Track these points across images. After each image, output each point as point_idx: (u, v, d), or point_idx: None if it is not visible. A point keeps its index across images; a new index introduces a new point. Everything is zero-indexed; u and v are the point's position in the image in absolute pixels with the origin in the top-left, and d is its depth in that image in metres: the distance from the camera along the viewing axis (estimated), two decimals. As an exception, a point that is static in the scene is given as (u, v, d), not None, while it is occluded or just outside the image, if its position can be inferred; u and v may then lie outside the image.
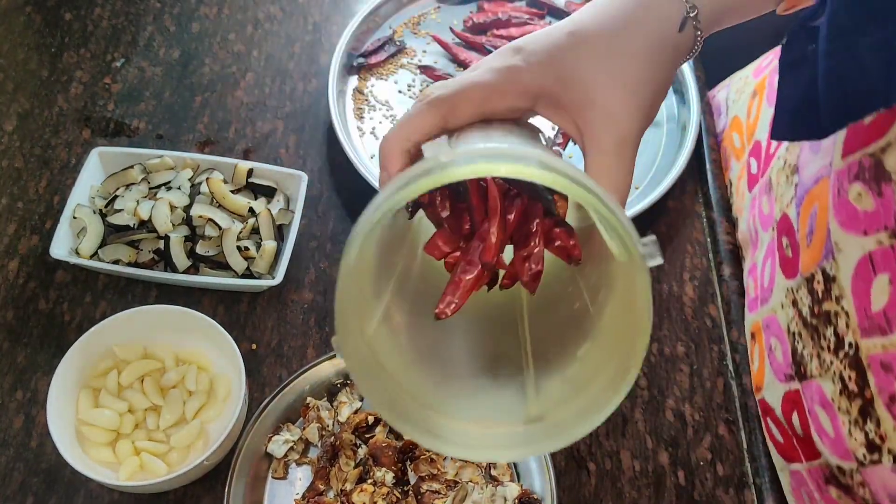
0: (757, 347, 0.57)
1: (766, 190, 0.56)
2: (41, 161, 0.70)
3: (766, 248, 0.56)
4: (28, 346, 0.61)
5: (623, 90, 0.40)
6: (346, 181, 0.70)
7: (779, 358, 0.52)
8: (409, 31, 0.80)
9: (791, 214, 0.51)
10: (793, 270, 0.50)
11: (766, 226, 0.57)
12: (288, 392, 0.56)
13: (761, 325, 0.56)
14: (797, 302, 0.49)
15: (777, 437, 0.55)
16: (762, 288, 0.56)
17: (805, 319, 0.48)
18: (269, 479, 0.54)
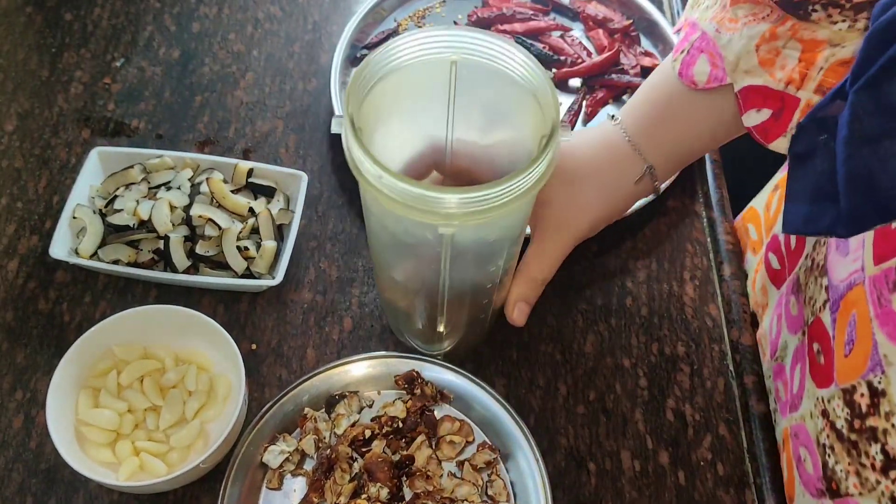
0: (785, 456, 0.55)
1: (795, 290, 0.55)
2: (41, 161, 0.70)
3: (793, 351, 0.55)
4: (27, 346, 0.61)
5: (575, 205, 0.55)
6: (346, 181, 0.70)
7: (809, 470, 0.50)
8: (414, 24, 0.80)
9: (826, 321, 0.48)
10: (825, 380, 0.48)
11: (793, 328, 0.55)
12: (286, 401, 0.56)
13: (790, 433, 0.54)
14: (828, 413, 0.47)
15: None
16: (791, 394, 0.54)
17: (840, 432, 0.45)
18: (264, 490, 0.54)
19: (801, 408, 0.52)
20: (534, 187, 0.41)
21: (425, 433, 0.56)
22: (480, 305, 0.55)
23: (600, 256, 0.67)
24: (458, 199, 0.40)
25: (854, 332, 0.45)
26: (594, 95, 0.75)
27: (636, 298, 0.65)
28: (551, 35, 0.78)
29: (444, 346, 0.59)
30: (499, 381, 0.60)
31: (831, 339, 0.48)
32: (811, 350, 0.51)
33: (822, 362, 0.49)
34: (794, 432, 0.53)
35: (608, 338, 0.63)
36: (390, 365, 0.58)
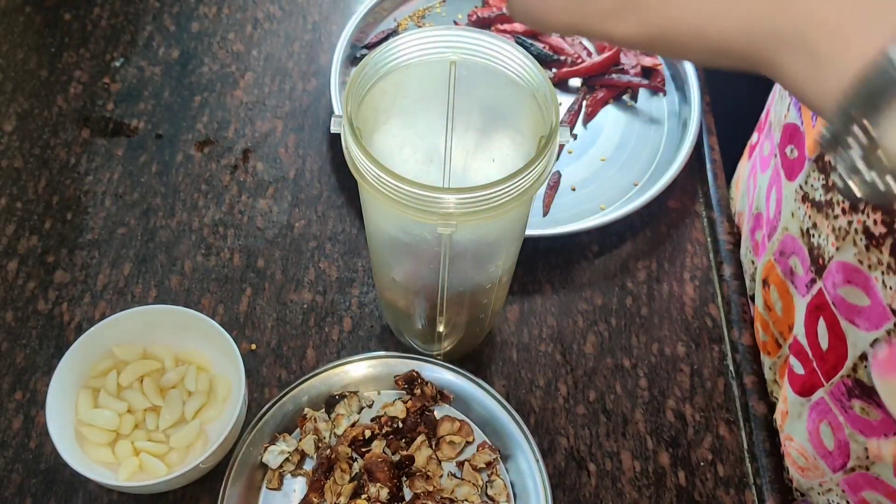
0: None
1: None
2: (40, 161, 0.70)
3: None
4: (27, 346, 0.61)
5: None
6: (345, 181, 0.70)
7: (799, 272, 0.52)
8: (414, 24, 0.80)
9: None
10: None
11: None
12: (286, 402, 0.56)
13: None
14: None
15: (797, 371, 0.53)
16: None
17: (819, 204, 0.48)
18: (264, 490, 0.54)
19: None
20: (533, 187, 0.41)
21: (425, 433, 0.56)
22: (480, 305, 0.54)
23: (600, 256, 0.67)
24: (457, 198, 0.40)
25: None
26: (594, 95, 0.75)
27: (636, 298, 0.65)
28: (551, 35, 0.78)
29: (444, 347, 0.59)
30: (499, 381, 0.60)
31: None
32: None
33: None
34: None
35: (608, 338, 0.63)
36: (390, 365, 0.58)
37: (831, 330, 0.47)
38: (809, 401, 0.51)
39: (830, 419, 0.49)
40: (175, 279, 0.64)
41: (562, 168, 0.71)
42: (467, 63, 0.45)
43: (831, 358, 0.47)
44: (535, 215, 0.68)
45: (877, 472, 0.46)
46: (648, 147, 0.72)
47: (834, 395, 0.48)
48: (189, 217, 0.67)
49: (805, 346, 0.51)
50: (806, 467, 0.54)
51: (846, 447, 0.48)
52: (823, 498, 0.53)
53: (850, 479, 0.49)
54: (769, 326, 0.59)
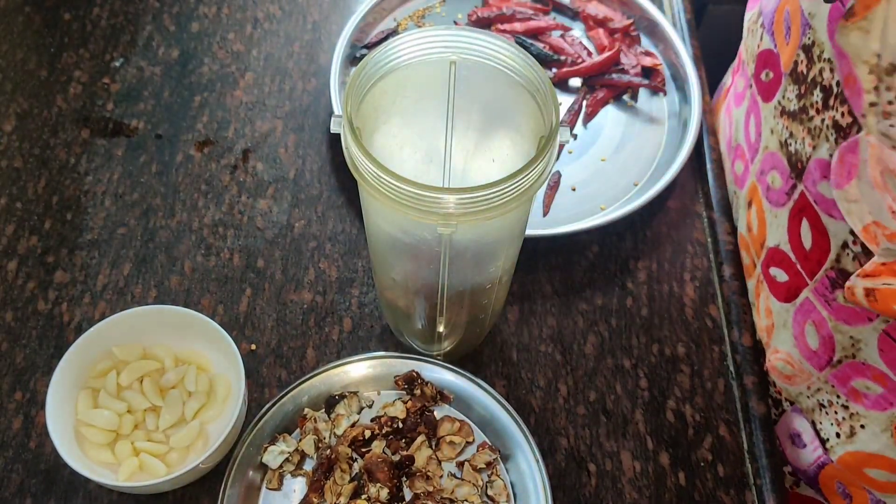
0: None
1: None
2: (40, 161, 0.70)
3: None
4: (27, 346, 0.60)
5: None
6: (345, 181, 0.70)
7: (777, 185, 0.56)
8: (414, 24, 0.80)
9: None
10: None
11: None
12: (286, 402, 0.56)
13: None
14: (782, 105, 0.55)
15: (779, 279, 0.57)
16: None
17: (793, 113, 0.53)
18: (264, 490, 0.54)
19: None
20: (533, 187, 0.41)
21: (425, 433, 0.56)
22: (480, 305, 0.54)
23: (600, 256, 0.67)
24: (457, 199, 0.40)
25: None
26: (594, 95, 0.75)
27: (636, 299, 0.65)
28: (551, 35, 0.78)
29: (444, 347, 0.59)
30: (499, 381, 0.60)
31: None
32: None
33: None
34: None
35: (608, 338, 0.63)
36: (390, 365, 0.58)
37: (814, 227, 0.51)
38: (794, 305, 0.55)
39: (814, 317, 0.53)
40: (175, 279, 0.64)
41: (562, 168, 0.71)
42: (467, 63, 0.45)
43: (815, 255, 0.52)
44: (535, 215, 0.68)
45: (863, 357, 0.50)
46: (648, 147, 0.72)
47: (818, 291, 0.52)
48: (189, 217, 0.67)
49: (788, 251, 0.55)
50: (792, 374, 0.57)
51: (831, 341, 0.52)
52: (813, 399, 0.56)
53: (837, 373, 0.53)
54: (749, 248, 0.62)
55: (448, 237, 0.44)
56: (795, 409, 0.58)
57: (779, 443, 0.61)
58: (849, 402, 0.53)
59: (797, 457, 0.59)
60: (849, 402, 0.53)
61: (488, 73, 0.45)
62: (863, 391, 0.52)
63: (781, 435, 0.61)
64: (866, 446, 0.52)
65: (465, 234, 0.46)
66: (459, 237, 0.45)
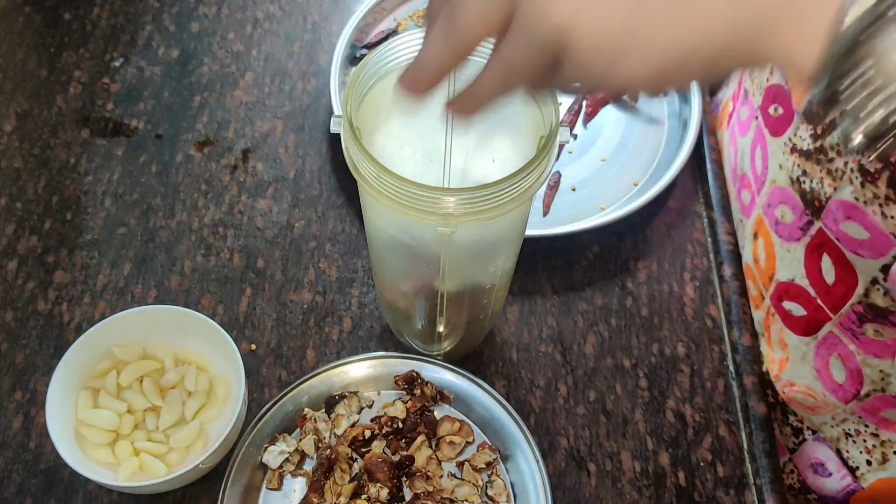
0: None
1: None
2: (40, 161, 0.70)
3: None
4: (27, 346, 0.60)
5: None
6: (345, 181, 0.70)
7: (788, 220, 0.56)
8: (414, 24, 0.80)
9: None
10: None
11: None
12: (286, 402, 0.56)
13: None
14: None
15: (795, 313, 0.56)
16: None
17: (808, 153, 0.51)
18: (264, 490, 0.54)
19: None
20: (533, 187, 0.41)
21: (425, 434, 0.56)
22: (480, 305, 0.54)
23: (600, 256, 0.67)
24: (457, 199, 0.40)
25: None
26: (594, 95, 0.75)
27: (636, 299, 0.65)
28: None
29: (444, 347, 0.59)
30: (499, 381, 0.60)
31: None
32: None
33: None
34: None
35: (608, 338, 0.63)
36: (390, 365, 0.58)
37: (837, 264, 0.50)
38: (816, 339, 0.54)
39: (840, 351, 0.52)
40: (175, 279, 0.64)
41: (562, 168, 0.71)
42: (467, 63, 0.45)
43: (839, 290, 0.51)
44: (535, 215, 0.68)
45: (894, 391, 0.50)
46: (648, 147, 0.72)
47: (843, 326, 0.51)
48: (189, 217, 0.67)
49: (806, 286, 0.54)
50: (815, 406, 0.56)
51: (859, 375, 0.51)
52: (838, 429, 0.56)
53: (865, 405, 0.52)
54: (756, 279, 0.62)
55: (448, 237, 0.44)
56: (818, 437, 0.58)
57: (797, 473, 0.61)
58: (879, 430, 0.53)
59: (822, 486, 0.59)
60: (879, 430, 0.53)
61: None
62: (894, 420, 0.51)
63: (801, 466, 0.60)
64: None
65: (465, 234, 0.45)
66: (459, 237, 0.45)
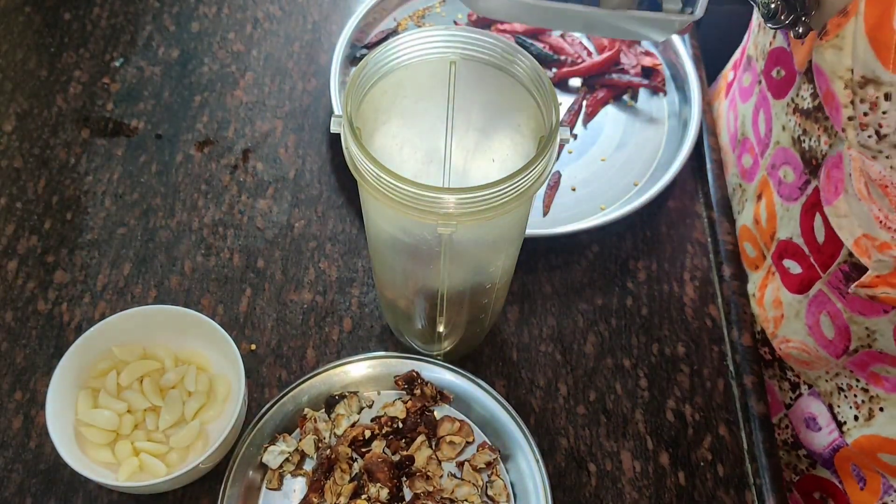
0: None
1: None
2: (40, 161, 0.70)
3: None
4: (27, 346, 0.60)
5: None
6: (345, 181, 0.70)
7: (790, 179, 0.57)
8: (414, 23, 0.80)
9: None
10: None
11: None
12: (286, 402, 0.56)
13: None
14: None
15: (793, 271, 0.58)
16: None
17: (808, 111, 0.53)
18: (264, 490, 0.54)
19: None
20: (533, 187, 0.41)
21: (425, 433, 0.56)
22: (480, 305, 0.54)
23: (600, 256, 0.67)
24: (457, 199, 0.40)
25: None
26: (594, 95, 0.75)
27: (636, 299, 0.65)
28: (551, 34, 0.78)
29: (444, 347, 0.59)
30: (499, 381, 0.60)
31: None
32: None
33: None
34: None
35: (608, 338, 0.63)
36: (390, 365, 0.58)
37: (827, 223, 0.52)
38: (807, 296, 0.56)
39: (829, 308, 0.54)
40: (175, 279, 0.64)
41: (562, 168, 0.71)
42: (467, 63, 0.45)
43: (828, 249, 0.52)
44: (535, 215, 0.68)
45: (879, 347, 0.51)
46: (648, 147, 0.72)
47: (832, 284, 0.53)
48: (189, 217, 0.67)
49: (801, 244, 0.56)
50: (809, 361, 0.58)
51: (846, 331, 0.53)
52: (832, 383, 0.57)
53: (855, 360, 0.54)
54: (757, 240, 0.63)
55: (448, 237, 0.44)
56: (813, 392, 0.59)
57: (791, 428, 0.62)
58: (869, 386, 0.54)
59: (811, 440, 0.60)
60: (869, 386, 0.54)
61: (488, 73, 0.45)
62: (883, 375, 0.52)
63: (796, 420, 0.62)
64: (883, 430, 0.53)
65: (465, 234, 0.46)
66: (459, 237, 0.45)
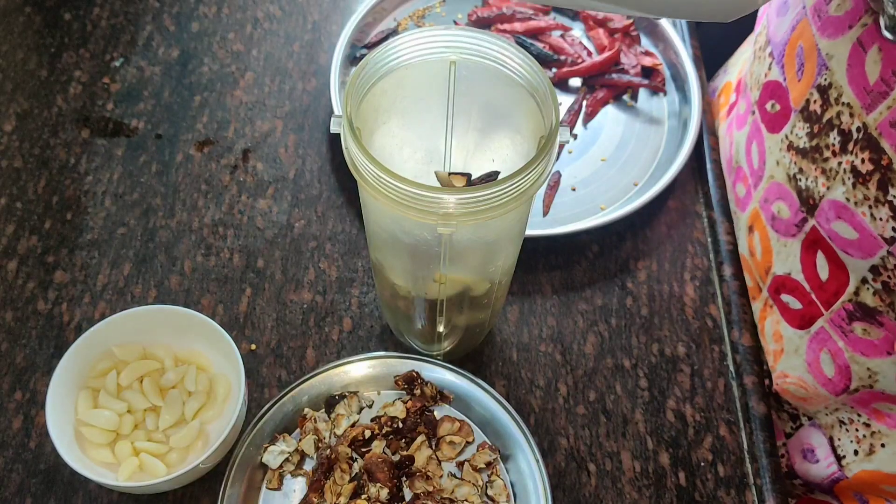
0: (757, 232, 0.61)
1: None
2: (40, 161, 0.70)
3: None
4: (27, 346, 0.60)
5: None
6: (345, 181, 0.70)
7: (784, 216, 0.56)
8: (414, 23, 0.80)
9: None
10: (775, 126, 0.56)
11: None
12: (286, 402, 0.56)
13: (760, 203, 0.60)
14: (790, 140, 0.54)
15: (792, 306, 0.57)
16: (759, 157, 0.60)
17: (801, 150, 0.52)
18: (264, 490, 0.54)
19: (767, 165, 0.58)
20: (533, 187, 0.41)
21: (425, 433, 0.56)
22: (480, 305, 0.54)
23: (600, 256, 0.67)
24: (457, 199, 0.40)
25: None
26: (594, 95, 0.75)
27: (636, 299, 0.65)
28: (551, 34, 0.78)
29: (444, 347, 0.59)
30: (499, 381, 0.60)
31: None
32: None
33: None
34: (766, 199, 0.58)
35: (608, 338, 0.63)
36: (390, 365, 0.58)
37: (831, 261, 0.51)
38: (808, 333, 0.55)
39: (830, 346, 0.53)
40: (175, 279, 0.64)
41: (562, 168, 0.71)
42: (467, 63, 0.45)
43: (831, 286, 0.52)
44: (535, 215, 0.68)
45: (881, 388, 0.50)
46: (648, 147, 0.72)
47: (834, 322, 0.52)
48: (189, 217, 0.67)
49: (802, 281, 0.55)
50: (807, 397, 0.57)
51: (847, 371, 0.52)
52: (832, 416, 0.56)
53: (855, 398, 0.53)
54: (752, 271, 0.63)
55: (448, 237, 0.44)
56: (814, 423, 0.58)
57: (787, 458, 0.61)
58: (871, 421, 0.53)
59: (807, 471, 0.59)
60: (871, 421, 0.53)
61: (488, 73, 0.45)
62: (886, 412, 0.52)
63: (793, 450, 0.61)
64: (884, 466, 0.52)
65: (465, 234, 0.46)
66: (459, 237, 0.45)
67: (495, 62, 0.45)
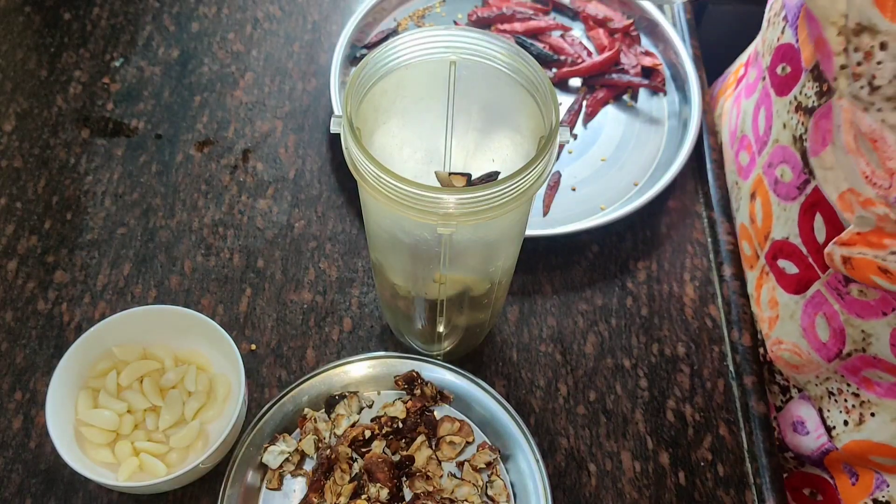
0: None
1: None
2: (40, 161, 0.70)
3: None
4: (27, 346, 0.61)
5: None
6: (345, 181, 0.70)
7: (787, 178, 0.57)
8: (414, 24, 0.80)
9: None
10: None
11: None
12: (286, 402, 0.56)
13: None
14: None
15: (788, 271, 0.57)
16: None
17: (811, 110, 0.52)
18: (264, 490, 0.54)
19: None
20: (533, 187, 0.41)
21: (425, 433, 0.56)
22: (480, 305, 0.54)
23: (600, 256, 0.67)
24: (457, 199, 0.40)
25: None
26: (594, 95, 0.75)
27: (636, 299, 0.65)
28: (551, 35, 0.78)
29: (444, 347, 0.59)
30: (499, 381, 0.60)
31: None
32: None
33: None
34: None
35: (608, 338, 0.63)
36: (390, 365, 0.58)
37: (829, 222, 0.51)
38: (804, 297, 0.55)
39: (826, 310, 0.53)
40: (175, 279, 0.64)
41: (562, 168, 0.71)
42: (467, 63, 0.45)
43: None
44: (535, 215, 0.68)
45: (874, 352, 0.50)
46: (648, 147, 0.72)
47: (830, 285, 0.52)
48: (189, 217, 0.67)
49: (799, 244, 0.55)
50: (800, 364, 0.58)
51: (841, 334, 0.52)
52: (822, 387, 0.57)
53: (847, 364, 0.53)
54: (752, 239, 0.63)
55: (448, 237, 0.44)
56: (803, 396, 0.59)
57: (778, 431, 0.62)
58: (860, 391, 0.53)
59: (798, 443, 0.60)
60: (860, 391, 0.53)
61: (488, 73, 0.45)
62: (875, 380, 0.52)
63: (783, 424, 0.61)
64: (874, 435, 0.53)
65: (465, 234, 0.46)
66: (459, 237, 0.45)
67: (495, 62, 0.45)
